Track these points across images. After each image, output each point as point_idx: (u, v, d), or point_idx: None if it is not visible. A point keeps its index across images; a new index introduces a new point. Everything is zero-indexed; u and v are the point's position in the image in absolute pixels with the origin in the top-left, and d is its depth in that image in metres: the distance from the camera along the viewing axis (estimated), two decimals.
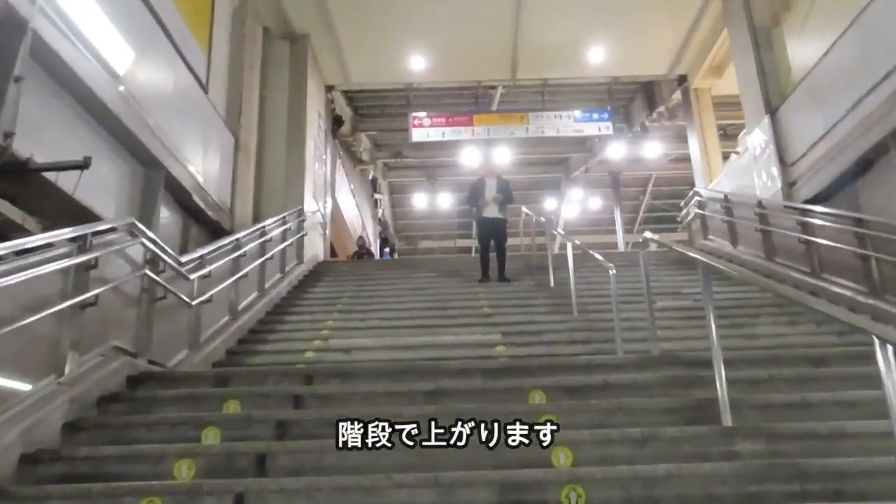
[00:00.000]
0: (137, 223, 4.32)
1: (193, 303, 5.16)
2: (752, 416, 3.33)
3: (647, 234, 4.76)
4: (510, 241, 8.98)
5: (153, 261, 4.59)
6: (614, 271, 5.40)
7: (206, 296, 5.46)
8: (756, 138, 9.50)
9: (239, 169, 9.22)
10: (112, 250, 3.93)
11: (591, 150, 18.31)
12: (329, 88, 13.66)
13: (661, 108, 14.82)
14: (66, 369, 3.47)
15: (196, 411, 3.53)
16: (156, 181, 6.56)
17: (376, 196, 20.80)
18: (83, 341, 3.68)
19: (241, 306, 6.65)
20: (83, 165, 4.48)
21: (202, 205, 7.68)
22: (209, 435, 3.24)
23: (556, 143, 17.69)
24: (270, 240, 7.92)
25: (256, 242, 7.40)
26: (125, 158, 6.20)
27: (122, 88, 5.81)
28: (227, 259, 6.28)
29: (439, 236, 24.85)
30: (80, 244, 3.65)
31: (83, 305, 3.61)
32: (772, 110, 9.08)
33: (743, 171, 10.28)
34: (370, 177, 19.81)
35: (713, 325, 3.33)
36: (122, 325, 4.23)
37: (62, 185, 4.81)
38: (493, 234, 8.51)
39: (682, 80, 13.51)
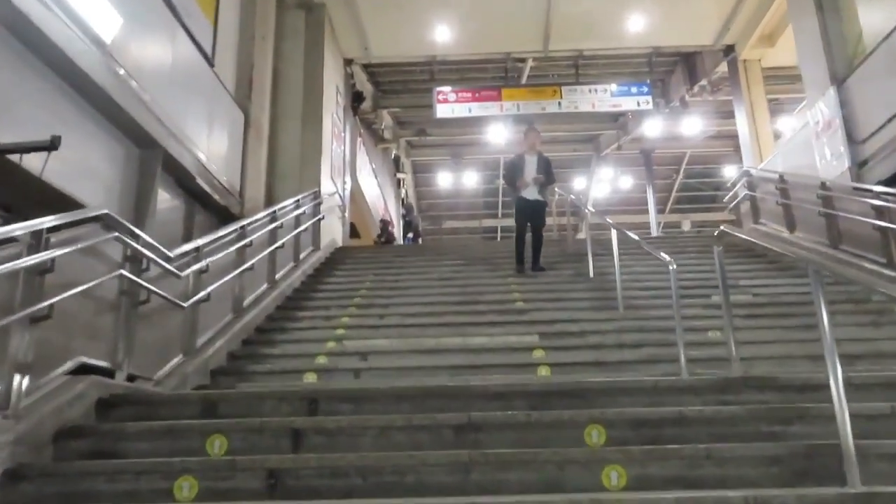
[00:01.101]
0: (112, 214, 3.63)
1: (186, 304, 4.48)
2: (882, 469, 2.56)
3: (723, 228, 3.94)
4: None
5: (134, 258, 3.91)
6: (674, 267, 4.60)
7: (203, 293, 4.78)
8: (818, 112, 8.53)
9: (249, 148, 8.51)
10: (74, 249, 3.22)
11: (624, 127, 17.30)
12: (348, 62, 12.83)
13: (704, 82, 13.77)
14: (12, 399, 2.80)
15: (171, 453, 2.84)
16: (153, 163, 5.88)
17: (399, 176, 20.03)
18: (38, 361, 3.01)
19: (246, 302, 5.99)
20: (50, 146, 3.79)
21: (208, 188, 7.00)
22: (182, 487, 2.57)
23: (586, 120, 16.68)
24: (282, 226, 7.21)
25: (266, 229, 6.71)
26: (116, 138, 5.53)
27: (109, 59, 5.13)
28: (230, 249, 5.60)
29: (465, 216, 24.09)
30: (32, 243, 2.97)
31: (34, 319, 2.93)
32: (838, 81, 8.11)
33: (801, 148, 9.30)
34: (393, 156, 19.03)
35: (832, 347, 2.56)
36: (93, 336, 3.55)
37: (39, 171, 4.17)
38: (532, 218, 7.79)
39: (729, 50, 12.44)
